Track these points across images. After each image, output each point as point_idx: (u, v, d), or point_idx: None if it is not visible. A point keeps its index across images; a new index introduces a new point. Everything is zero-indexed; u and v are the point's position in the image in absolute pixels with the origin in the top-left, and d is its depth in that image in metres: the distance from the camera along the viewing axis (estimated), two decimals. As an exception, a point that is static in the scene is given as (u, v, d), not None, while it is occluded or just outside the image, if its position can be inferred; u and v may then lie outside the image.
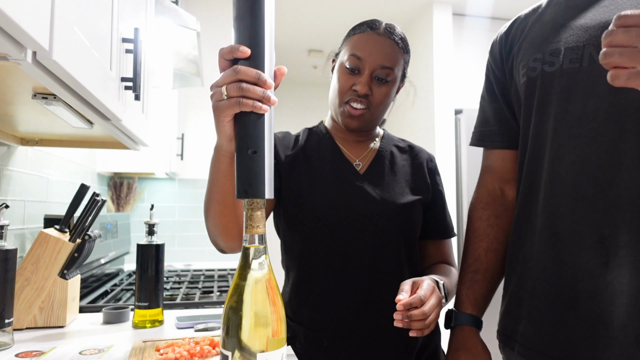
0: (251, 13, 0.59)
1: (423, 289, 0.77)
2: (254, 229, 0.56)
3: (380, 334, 0.91)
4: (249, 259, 0.57)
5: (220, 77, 0.60)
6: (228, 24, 2.93)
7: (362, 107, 0.92)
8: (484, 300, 0.91)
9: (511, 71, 0.88)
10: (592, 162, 0.71)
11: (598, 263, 0.69)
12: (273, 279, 0.58)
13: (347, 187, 0.95)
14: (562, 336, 0.73)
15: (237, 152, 0.58)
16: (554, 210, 0.75)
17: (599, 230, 0.69)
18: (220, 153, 0.70)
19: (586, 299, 0.70)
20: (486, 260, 0.92)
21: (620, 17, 0.56)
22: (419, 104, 3.33)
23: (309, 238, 0.94)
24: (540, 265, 0.77)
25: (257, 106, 0.58)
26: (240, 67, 0.58)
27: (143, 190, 2.84)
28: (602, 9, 0.75)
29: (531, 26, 0.85)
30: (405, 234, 0.95)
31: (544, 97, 0.78)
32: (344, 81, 0.93)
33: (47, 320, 1.18)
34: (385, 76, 0.92)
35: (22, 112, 1.00)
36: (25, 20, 0.47)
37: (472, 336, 0.87)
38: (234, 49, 0.59)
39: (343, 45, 0.98)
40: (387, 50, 0.92)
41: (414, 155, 1.04)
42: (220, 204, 0.76)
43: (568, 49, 0.75)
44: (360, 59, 0.91)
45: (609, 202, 0.69)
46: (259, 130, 0.58)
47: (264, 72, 0.59)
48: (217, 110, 0.61)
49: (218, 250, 0.86)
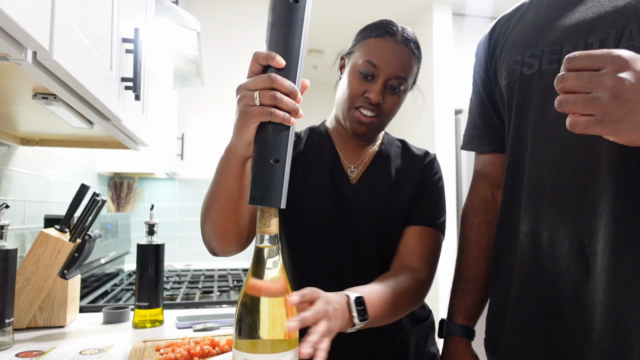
0: (289, 23, 0.59)
1: (312, 310, 0.60)
2: (268, 229, 0.58)
3: (371, 341, 0.90)
4: (264, 259, 0.57)
5: (252, 80, 0.59)
6: (228, 24, 2.93)
7: (373, 115, 0.90)
8: (476, 309, 0.90)
9: (495, 73, 0.86)
10: (569, 166, 0.68)
11: (579, 271, 0.66)
12: (287, 279, 0.59)
13: (336, 199, 0.93)
14: (547, 345, 0.70)
15: (258, 158, 0.58)
16: (534, 216, 0.73)
17: (578, 237, 0.66)
18: (233, 155, 0.68)
19: (569, 307, 0.67)
20: (477, 268, 0.90)
21: (569, 60, 0.53)
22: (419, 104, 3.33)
23: (297, 243, 0.93)
24: (522, 273, 0.75)
25: (287, 118, 0.58)
26: (276, 76, 0.58)
27: (143, 190, 2.84)
28: (583, 6, 0.72)
29: (513, 27, 0.83)
30: (385, 251, 0.93)
31: (523, 100, 0.76)
32: (356, 86, 0.90)
33: (47, 320, 1.18)
34: (399, 85, 0.90)
35: (22, 112, 1.00)
36: (25, 20, 0.47)
37: (462, 347, 0.87)
38: (269, 57, 0.58)
39: (357, 46, 0.93)
40: (404, 60, 0.89)
41: (411, 157, 1.01)
42: (223, 206, 0.75)
43: (547, 50, 0.73)
44: (376, 67, 0.88)
45: (585, 208, 0.66)
46: (284, 140, 0.58)
47: (295, 83, 0.59)
48: (246, 114, 0.59)
49: (210, 252, 0.84)
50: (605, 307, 0.63)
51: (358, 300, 0.69)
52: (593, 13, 0.69)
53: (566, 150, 0.69)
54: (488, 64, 0.89)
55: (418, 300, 0.86)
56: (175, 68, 1.99)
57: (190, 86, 2.21)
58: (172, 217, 2.88)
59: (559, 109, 0.53)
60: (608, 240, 0.63)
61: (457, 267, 0.94)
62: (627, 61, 0.51)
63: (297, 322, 0.56)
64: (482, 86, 0.91)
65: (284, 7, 0.59)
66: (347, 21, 3.49)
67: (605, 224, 0.64)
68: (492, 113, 0.90)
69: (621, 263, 0.62)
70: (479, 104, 0.93)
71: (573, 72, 0.53)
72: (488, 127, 0.92)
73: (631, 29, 0.63)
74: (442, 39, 3.19)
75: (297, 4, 0.59)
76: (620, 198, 0.63)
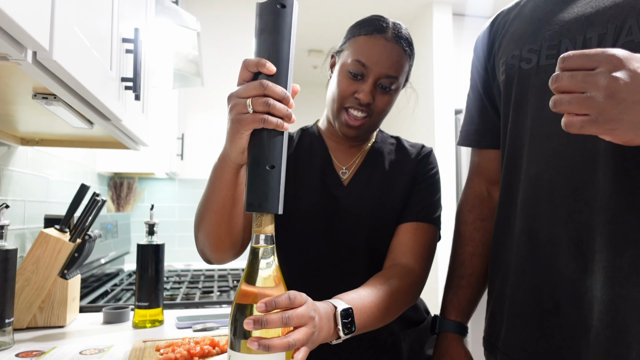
0: (278, 29, 0.59)
1: (297, 312, 0.58)
2: (263, 229, 0.58)
3: (361, 346, 0.88)
4: (259, 259, 0.58)
5: (243, 88, 0.59)
6: (228, 24, 2.93)
7: (363, 116, 0.87)
8: (469, 306, 0.89)
9: (493, 68, 0.85)
10: (566, 162, 0.68)
11: (576, 268, 0.66)
12: (282, 279, 0.59)
13: (328, 201, 0.92)
14: (545, 343, 0.70)
15: (253, 165, 0.58)
16: (531, 212, 0.72)
17: (576, 233, 0.66)
18: (227, 163, 0.67)
19: (567, 305, 0.67)
20: (471, 265, 0.90)
21: (563, 60, 0.53)
22: (419, 104, 3.33)
23: (288, 246, 0.92)
24: (519, 270, 0.75)
25: (281, 124, 0.58)
26: (267, 82, 0.58)
27: (143, 190, 2.84)
28: (582, 1, 0.71)
29: (512, 21, 0.82)
30: (377, 252, 0.91)
31: (521, 95, 0.76)
32: (345, 86, 0.87)
33: (47, 320, 1.18)
34: (389, 85, 0.87)
35: (22, 112, 1.00)
36: (25, 20, 0.47)
37: (455, 344, 0.86)
38: (260, 64, 0.58)
39: (347, 44, 0.90)
40: (394, 58, 0.86)
41: (404, 153, 0.98)
42: (217, 214, 0.74)
43: (545, 45, 0.72)
44: (365, 66, 0.85)
45: (583, 204, 0.65)
46: (278, 146, 0.59)
47: (287, 89, 0.59)
48: (239, 122, 0.59)
49: (204, 260, 0.83)
50: (603, 304, 0.63)
51: (345, 313, 0.67)
52: (592, 8, 0.68)
53: (564, 146, 0.68)
54: (486, 59, 0.88)
55: (412, 299, 0.85)
56: (175, 68, 1.99)
57: (190, 86, 2.21)
58: (172, 217, 2.88)
59: (554, 109, 0.53)
60: (606, 236, 0.63)
61: (451, 264, 0.93)
62: (622, 60, 0.51)
63: (279, 318, 0.54)
64: (480, 81, 0.90)
65: (272, 13, 0.59)
66: (347, 21, 3.47)
67: (604, 220, 0.63)
68: (490, 109, 0.90)
69: (619, 260, 0.62)
70: (476, 99, 0.93)
71: (567, 71, 0.52)
72: (485, 123, 0.91)
73: (630, 24, 0.63)
74: (442, 39, 3.19)
75: (284, 10, 0.59)
76: (619, 194, 0.62)
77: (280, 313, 0.55)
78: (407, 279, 0.83)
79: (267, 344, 0.53)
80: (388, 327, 0.90)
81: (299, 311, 0.57)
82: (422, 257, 0.88)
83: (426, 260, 0.89)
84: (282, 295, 0.56)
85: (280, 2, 0.59)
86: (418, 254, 0.88)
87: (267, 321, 0.53)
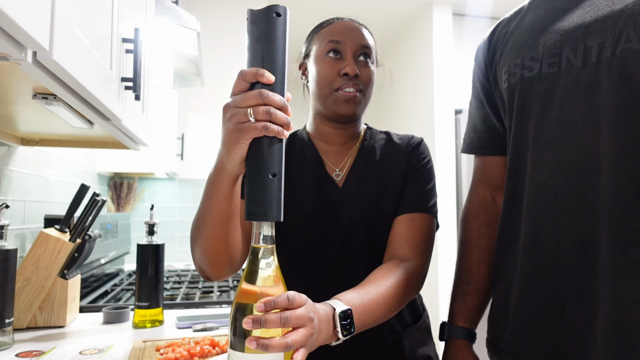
0: (273, 37, 0.59)
1: (296, 313, 0.58)
2: (263, 230, 0.58)
3: (362, 344, 0.88)
4: (259, 258, 0.58)
5: (241, 97, 0.59)
6: (228, 24, 2.93)
7: (354, 90, 0.89)
8: (477, 311, 0.90)
9: (495, 77, 0.87)
10: (570, 167, 0.69)
11: (582, 270, 0.67)
12: (282, 278, 0.59)
13: (325, 206, 0.92)
14: (551, 345, 0.71)
15: (255, 174, 0.58)
16: (536, 216, 0.74)
17: (580, 236, 0.67)
18: (224, 175, 0.66)
19: (573, 307, 0.68)
20: (477, 271, 0.90)
21: None
22: (419, 104, 3.33)
23: (286, 253, 0.92)
24: (525, 272, 0.76)
25: (281, 132, 0.58)
26: (267, 92, 0.58)
27: (143, 190, 2.84)
28: (580, 10, 0.73)
29: (512, 31, 0.84)
30: (376, 251, 0.91)
31: (524, 103, 0.77)
32: (328, 69, 0.90)
33: (47, 320, 1.18)
34: (367, 55, 0.92)
35: (22, 112, 1.00)
36: (25, 20, 0.47)
37: (463, 350, 0.87)
38: (259, 74, 0.58)
39: (311, 43, 0.96)
40: (360, 31, 0.93)
41: (394, 146, 0.98)
42: (216, 229, 0.72)
43: (547, 54, 0.74)
44: (340, 42, 0.90)
45: (587, 207, 0.67)
46: (279, 154, 0.59)
47: (283, 97, 0.60)
48: (239, 131, 0.58)
49: (203, 277, 0.81)
50: (609, 305, 0.63)
51: (344, 314, 0.67)
52: (591, 17, 0.70)
53: (567, 152, 0.70)
54: (488, 68, 0.89)
55: (412, 291, 0.84)
56: (175, 68, 1.99)
57: (190, 86, 2.21)
58: (172, 217, 2.88)
59: None
60: (611, 238, 0.64)
61: (458, 270, 0.94)
62: None
63: (277, 318, 0.54)
64: (482, 90, 0.92)
65: (268, 22, 0.59)
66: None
67: (608, 222, 0.64)
68: (492, 116, 0.91)
69: (625, 261, 0.63)
70: (478, 107, 0.94)
71: None
72: (488, 130, 0.92)
73: (628, 32, 0.64)
74: (442, 39, 3.19)
75: (279, 18, 0.59)
76: (622, 196, 0.63)
77: (279, 313, 0.55)
78: (405, 271, 0.83)
79: (266, 343, 0.53)
80: (389, 325, 0.91)
81: (298, 312, 0.57)
82: (420, 248, 0.88)
83: (424, 250, 0.89)
84: (282, 296, 0.56)
85: (276, 10, 0.59)
86: (415, 245, 0.87)
87: (266, 321, 0.53)
